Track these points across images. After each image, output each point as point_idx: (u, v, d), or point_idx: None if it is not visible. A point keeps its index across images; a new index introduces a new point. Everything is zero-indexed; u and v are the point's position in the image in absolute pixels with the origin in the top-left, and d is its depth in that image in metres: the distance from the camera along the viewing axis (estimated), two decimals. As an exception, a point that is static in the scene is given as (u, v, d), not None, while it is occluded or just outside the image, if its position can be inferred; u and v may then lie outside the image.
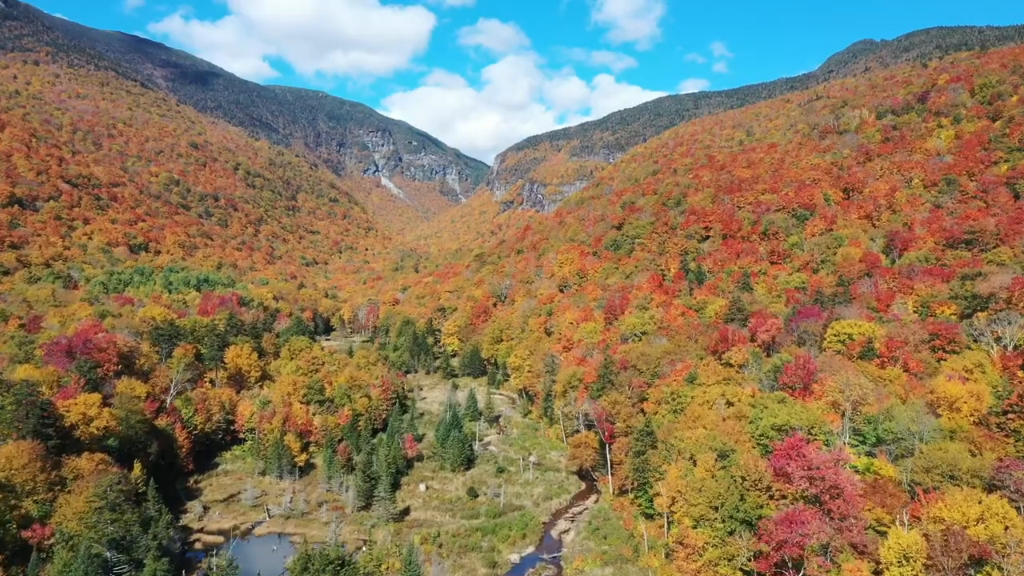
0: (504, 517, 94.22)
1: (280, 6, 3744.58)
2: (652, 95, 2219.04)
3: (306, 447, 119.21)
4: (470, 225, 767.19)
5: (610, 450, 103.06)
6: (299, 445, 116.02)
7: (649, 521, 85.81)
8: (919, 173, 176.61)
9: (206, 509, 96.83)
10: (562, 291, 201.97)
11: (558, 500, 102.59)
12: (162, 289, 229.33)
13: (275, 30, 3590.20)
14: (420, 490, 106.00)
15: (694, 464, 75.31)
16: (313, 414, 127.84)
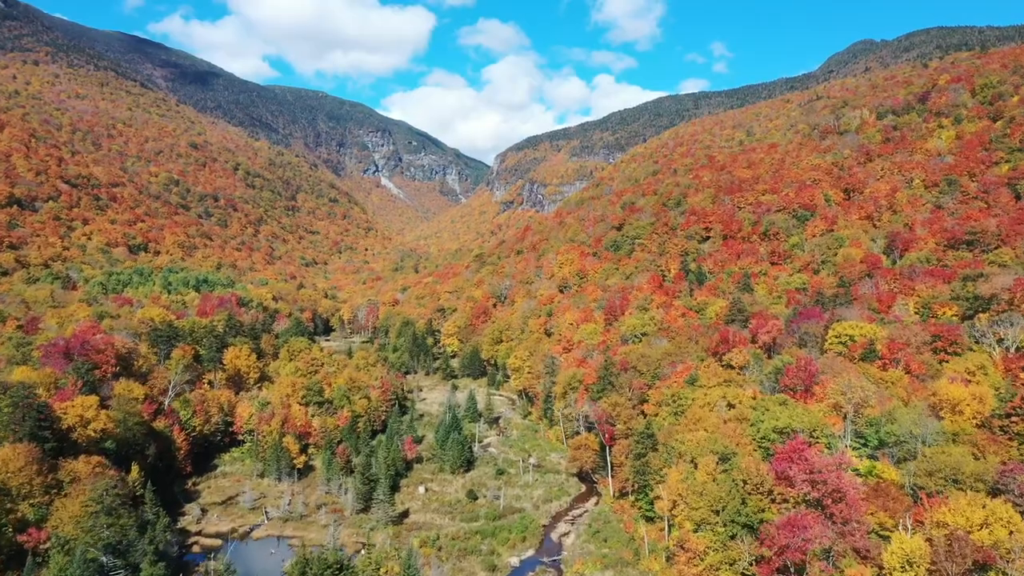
0: (504, 520, 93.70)
1: (280, 6, 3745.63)
2: (652, 95, 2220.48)
3: (305, 449, 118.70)
4: (470, 225, 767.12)
5: (610, 452, 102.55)
6: (298, 447, 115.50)
7: (650, 524, 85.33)
8: (920, 173, 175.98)
9: (204, 512, 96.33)
10: (562, 292, 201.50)
11: (558, 502, 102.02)
12: (161, 290, 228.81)
13: (275, 30, 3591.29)
14: (419, 492, 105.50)
15: (695, 467, 74.83)
16: (312, 416, 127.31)
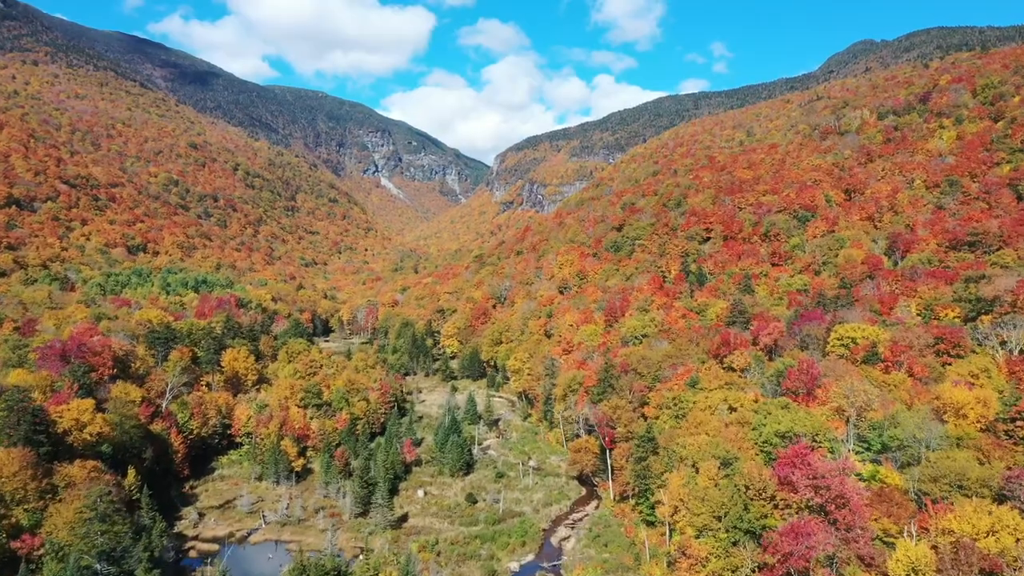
0: (503, 524, 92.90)
1: (279, 6, 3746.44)
2: (652, 95, 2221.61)
3: (303, 452, 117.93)
4: (470, 225, 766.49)
5: (611, 455, 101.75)
6: (296, 450, 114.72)
7: (650, 528, 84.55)
8: (921, 174, 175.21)
9: (201, 516, 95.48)
10: (562, 293, 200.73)
11: (558, 506, 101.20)
12: (160, 291, 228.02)
13: (274, 30, 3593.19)
14: (418, 496, 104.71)
15: (696, 471, 74.06)
16: (310, 418, 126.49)
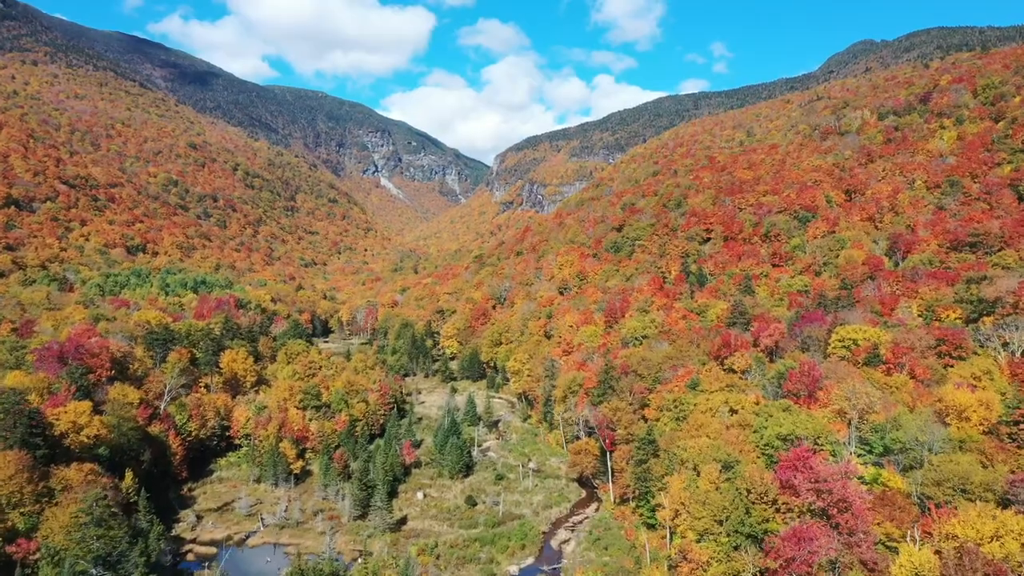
0: (503, 527, 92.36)
1: (279, 6, 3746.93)
2: (652, 95, 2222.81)
3: (302, 454, 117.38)
4: (469, 226, 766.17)
5: (611, 458, 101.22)
6: (295, 452, 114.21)
7: (651, 531, 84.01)
8: (922, 175, 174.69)
9: (199, 518, 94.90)
10: (562, 293, 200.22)
11: (558, 509, 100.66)
12: (159, 291, 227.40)
13: (274, 30, 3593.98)
14: (418, 498, 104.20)
15: (697, 474, 73.54)
16: (309, 420, 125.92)
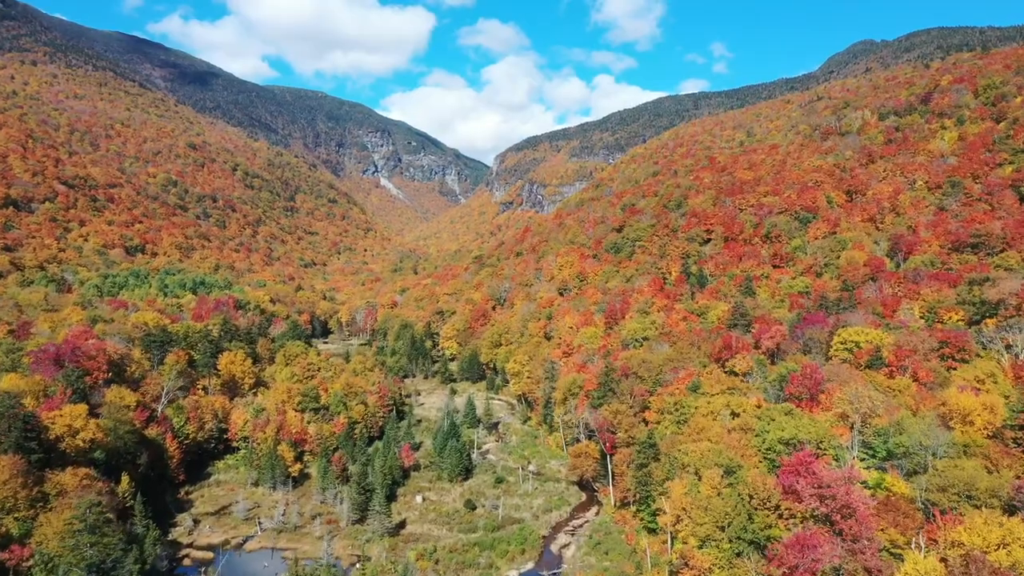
0: (503, 531, 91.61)
1: (279, 6, 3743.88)
2: (652, 95, 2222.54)
3: (300, 456, 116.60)
4: (469, 226, 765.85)
5: (611, 461, 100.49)
6: (293, 455, 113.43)
7: (652, 536, 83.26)
8: (923, 175, 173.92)
9: (196, 522, 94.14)
10: (562, 294, 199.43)
11: (558, 512, 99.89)
12: (157, 292, 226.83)
13: (274, 30, 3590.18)
14: (417, 502, 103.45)
15: (699, 479, 72.84)
16: (308, 422, 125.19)
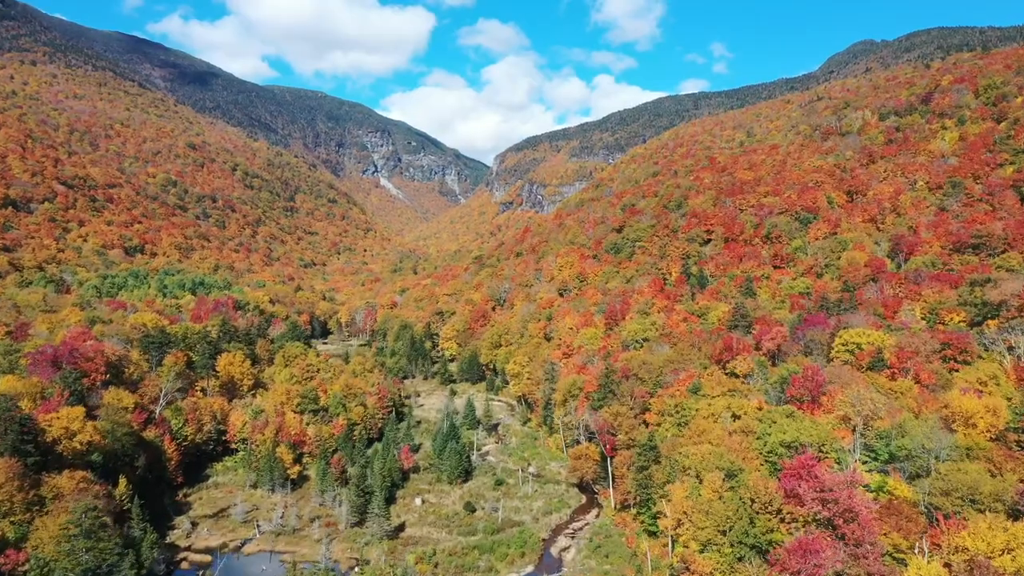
0: (502, 534, 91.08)
1: (279, 6, 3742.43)
2: (652, 95, 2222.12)
3: (299, 458, 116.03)
4: (469, 226, 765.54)
5: (612, 463, 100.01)
6: (292, 456, 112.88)
7: (652, 539, 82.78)
8: (923, 175, 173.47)
9: (194, 525, 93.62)
10: (562, 295, 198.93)
11: (558, 515, 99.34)
12: (156, 293, 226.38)
13: (274, 30, 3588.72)
14: (416, 504, 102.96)
15: (700, 482, 72.35)
16: (307, 424, 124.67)
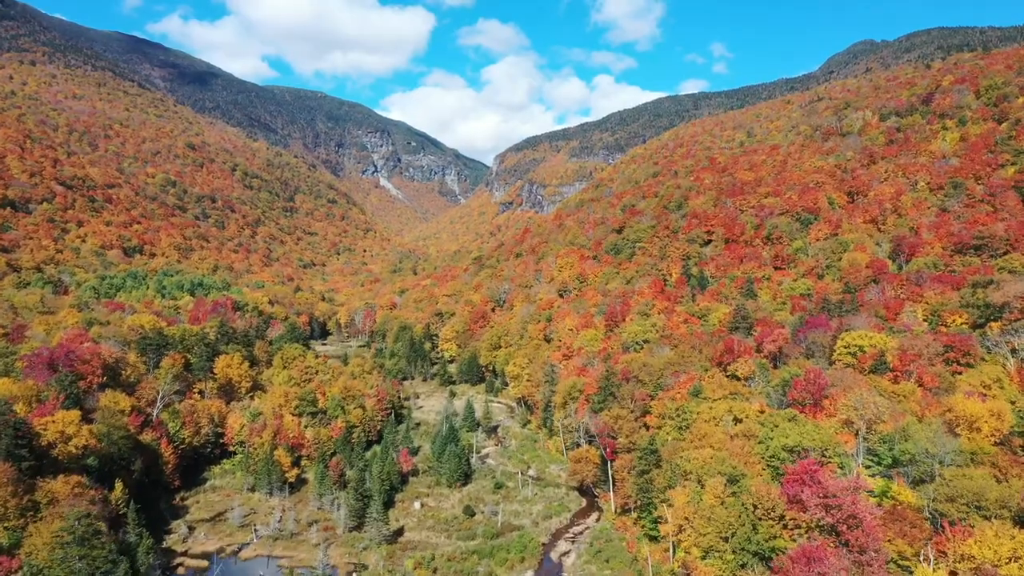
0: (502, 538, 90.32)
1: (279, 6, 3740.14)
2: (652, 96, 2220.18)
3: (297, 461, 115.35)
4: (469, 226, 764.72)
5: (612, 466, 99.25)
6: (290, 460, 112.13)
7: (653, 544, 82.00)
8: (924, 176, 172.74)
9: (191, 529, 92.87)
10: (561, 296, 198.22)
11: (558, 519, 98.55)
12: (155, 294, 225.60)
13: (274, 30, 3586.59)
14: (415, 508, 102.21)
15: (702, 487, 71.62)
16: (305, 426, 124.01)
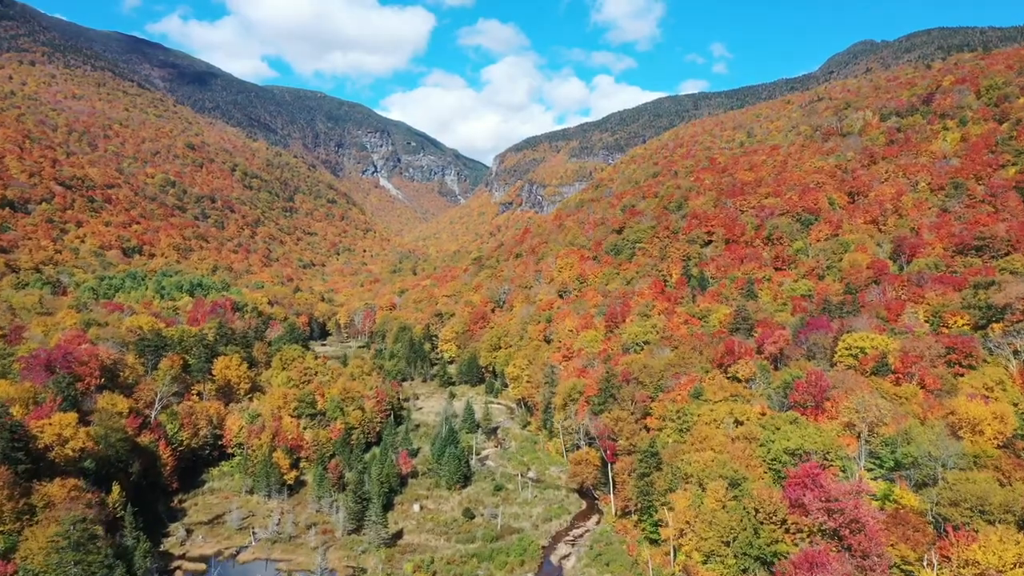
0: (502, 541, 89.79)
1: (279, 6, 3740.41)
2: (652, 96, 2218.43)
3: (296, 463, 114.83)
4: (469, 226, 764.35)
5: (612, 469, 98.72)
6: (289, 461, 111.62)
7: (654, 547, 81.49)
8: (925, 176, 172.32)
9: (189, 532, 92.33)
10: (561, 297, 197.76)
11: (558, 521, 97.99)
12: (154, 294, 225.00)
13: (274, 30, 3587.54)
14: (414, 510, 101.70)
15: (703, 490, 71.12)
16: (304, 428, 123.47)
